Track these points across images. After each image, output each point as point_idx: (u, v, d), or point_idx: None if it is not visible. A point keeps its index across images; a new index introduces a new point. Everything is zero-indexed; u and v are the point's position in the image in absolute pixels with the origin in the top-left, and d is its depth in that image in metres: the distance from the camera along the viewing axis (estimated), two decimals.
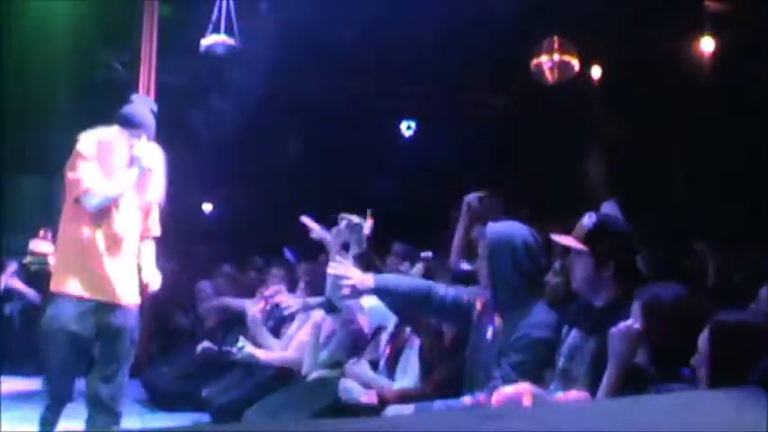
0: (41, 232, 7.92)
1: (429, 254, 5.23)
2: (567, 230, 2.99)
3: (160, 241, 4.39)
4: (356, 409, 3.65)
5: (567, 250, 2.91)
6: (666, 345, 2.41)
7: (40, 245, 7.81)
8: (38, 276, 7.76)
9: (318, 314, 4.83)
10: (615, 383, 2.45)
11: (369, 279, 3.36)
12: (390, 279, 3.49)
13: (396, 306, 3.63)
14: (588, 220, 2.87)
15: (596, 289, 2.82)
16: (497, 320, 3.21)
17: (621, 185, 7.35)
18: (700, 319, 2.25)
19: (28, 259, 7.78)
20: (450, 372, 3.47)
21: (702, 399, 1.92)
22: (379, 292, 3.41)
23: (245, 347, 5.10)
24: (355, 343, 4.55)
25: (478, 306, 3.32)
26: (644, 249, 3.51)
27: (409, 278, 3.79)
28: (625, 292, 2.70)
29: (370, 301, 4.30)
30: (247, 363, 5.24)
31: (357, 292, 3.41)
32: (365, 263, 4.05)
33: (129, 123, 4.07)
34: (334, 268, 3.47)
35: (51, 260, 7.81)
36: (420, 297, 3.35)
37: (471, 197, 4.30)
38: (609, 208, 3.00)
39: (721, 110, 6.99)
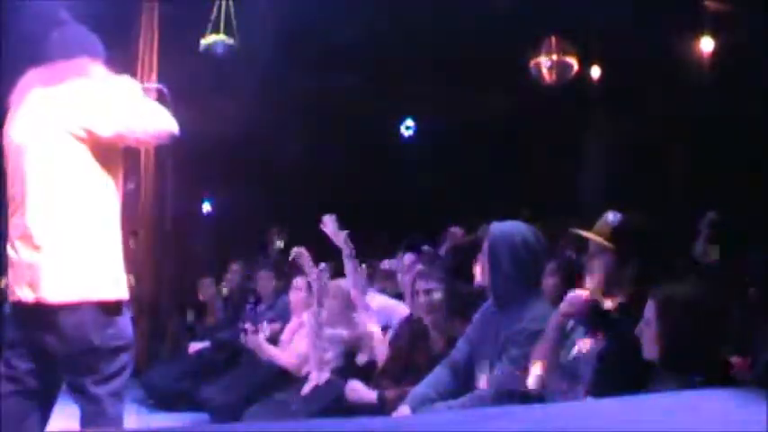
0: None
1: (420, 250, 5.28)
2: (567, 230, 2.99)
3: (160, 242, 4.33)
4: (357, 410, 3.65)
5: (582, 248, 2.89)
6: (678, 344, 2.39)
7: None
8: None
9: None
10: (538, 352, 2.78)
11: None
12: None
13: None
14: (613, 217, 2.84)
15: (614, 287, 2.79)
16: (498, 315, 3.22)
17: (620, 185, 7.36)
18: (713, 320, 2.25)
19: None
20: None
21: (702, 399, 1.92)
22: None
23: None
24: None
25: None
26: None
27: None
28: (641, 292, 2.64)
29: (377, 300, 4.31)
30: (249, 361, 5.25)
31: None
32: None
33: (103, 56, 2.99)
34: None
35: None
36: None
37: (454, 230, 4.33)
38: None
39: (721, 110, 6.98)
